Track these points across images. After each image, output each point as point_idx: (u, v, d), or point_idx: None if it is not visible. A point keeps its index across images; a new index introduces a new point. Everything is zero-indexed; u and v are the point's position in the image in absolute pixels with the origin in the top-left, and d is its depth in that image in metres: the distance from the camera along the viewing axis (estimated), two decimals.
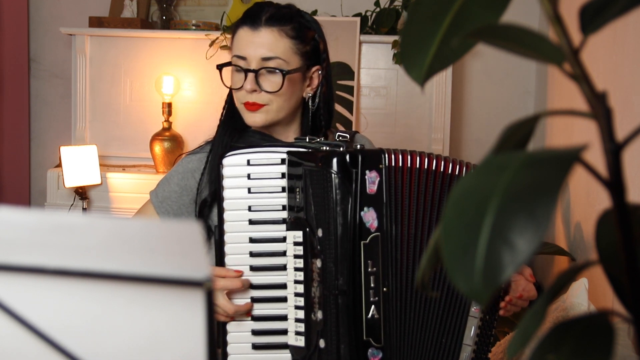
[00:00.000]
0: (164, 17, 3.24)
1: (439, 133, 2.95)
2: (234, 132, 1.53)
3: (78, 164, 2.87)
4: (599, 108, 0.49)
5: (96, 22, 3.13)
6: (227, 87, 1.51)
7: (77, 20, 3.31)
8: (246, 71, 1.45)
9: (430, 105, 2.96)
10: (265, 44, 1.44)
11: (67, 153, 2.85)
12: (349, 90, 2.92)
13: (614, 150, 0.49)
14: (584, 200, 2.04)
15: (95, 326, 0.55)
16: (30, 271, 0.53)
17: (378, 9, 3.03)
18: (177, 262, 0.53)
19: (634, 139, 0.49)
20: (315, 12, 3.07)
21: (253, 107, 1.46)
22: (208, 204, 1.48)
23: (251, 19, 1.46)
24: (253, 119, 1.47)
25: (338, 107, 2.93)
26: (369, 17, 3.03)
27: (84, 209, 2.92)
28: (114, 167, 3.05)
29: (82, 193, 2.91)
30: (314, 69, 1.51)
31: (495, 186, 0.46)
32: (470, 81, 3.28)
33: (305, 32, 1.48)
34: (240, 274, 1.34)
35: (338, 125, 2.91)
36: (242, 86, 1.45)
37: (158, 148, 2.97)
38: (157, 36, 3.10)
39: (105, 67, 3.11)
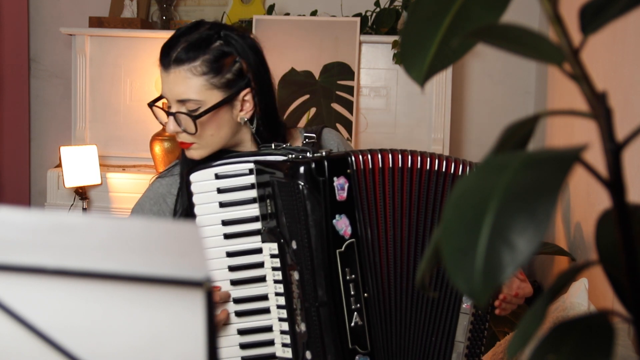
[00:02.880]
0: (164, 17, 3.24)
1: (439, 133, 2.95)
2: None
3: (78, 164, 2.87)
4: (599, 108, 0.49)
5: (96, 22, 3.13)
6: (161, 123, 1.47)
7: (77, 20, 3.31)
8: (167, 113, 1.42)
9: (430, 105, 2.96)
10: (175, 86, 1.38)
11: (67, 153, 2.85)
12: (349, 90, 2.92)
13: (614, 150, 0.49)
14: (584, 200, 2.04)
15: (95, 326, 0.55)
16: (30, 271, 0.53)
17: (378, 9, 3.03)
18: (177, 262, 0.53)
19: (634, 139, 0.49)
20: (315, 12, 3.07)
21: (184, 145, 1.43)
22: None
23: (163, 57, 1.39)
24: (190, 155, 1.44)
25: (338, 107, 2.93)
26: (369, 17, 3.03)
27: (84, 209, 2.92)
28: (114, 167, 3.05)
29: (82, 193, 2.91)
30: (243, 92, 1.42)
31: (495, 186, 0.46)
32: (470, 81, 3.28)
33: (221, 61, 1.39)
34: (218, 289, 1.32)
35: (338, 125, 2.91)
36: (165, 126, 1.42)
37: (158, 148, 2.97)
38: (157, 36, 3.10)
39: (105, 67, 3.11)
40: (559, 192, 0.44)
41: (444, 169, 1.32)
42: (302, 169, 1.24)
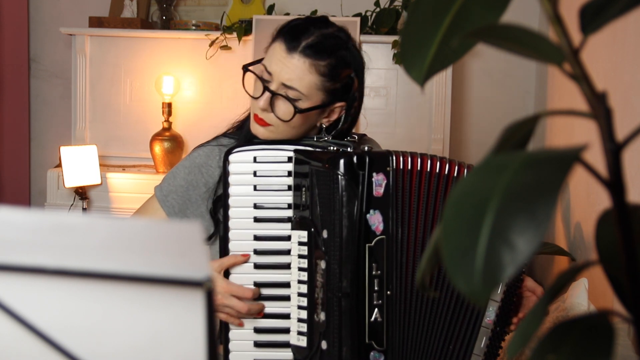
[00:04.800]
0: (164, 17, 3.24)
1: (439, 133, 2.95)
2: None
3: (78, 164, 2.87)
4: (599, 108, 0.49)
5: (96, 22, 3.13)
6: (247, 91, 1.45)
7: (77, 20, 3.31)
8: (266, 88, 1.40)
9: (430, 105, 2.96)
10: (291, 72, 1.37)
11: (67, 153, 2.85)
12: None
13: (614, 150, 0.49)
14: (584, 200, 2.04)
15: (95, 326, 0.55)
16: (30, 271, 0.53)
17: (378, 9, 3.03)
18: (177, 262, 0.53)
19: (634, 139, 0.49)
20: (315, 12, 3.07)
21: (260, 121, 1.42)
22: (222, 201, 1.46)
23: (291, 38, 1.38)
24: (256, 131, 1.43)
25: None
26: (369, 17, 3.03)
27: (84, 209, 2.92)
28: (114, 167, 3.05)
29: (82, 193, 2.91)
30: (337, 104, 1.44)
31: (495, 186, 0.46)
32: (470, 81, 3.28)
33: (340, 71, 1.40)
34: (247, 257, 1.34)
35: None
36: (257, 98, 1.41)
37: (158, 148, 2.97)
38: (157, 36, 3.10)
39: (105, 67, 3.11)
40: (559, 192, 0.44)
41: None
42: (342, 161, 1.26)
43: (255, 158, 1.34)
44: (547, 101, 2.88)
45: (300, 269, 1.31)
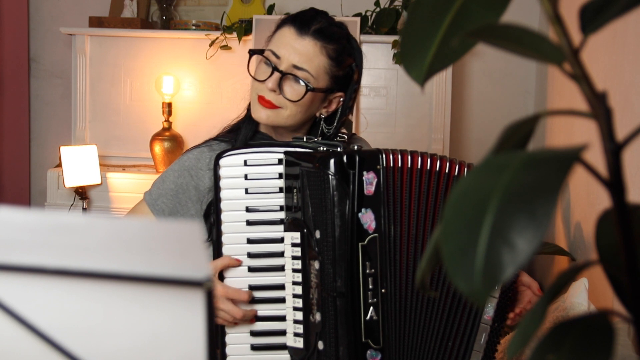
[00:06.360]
0: (164, 17, 3.24)
1: (439, 133, 2.95)
2: (248, 131, 1.53)
3: (78, 164, 2.87)
4: (599, 108, 0.49)
5: (96, 22, 3.13)
6: (251, 75, 1.49)
7: (77, 20, 3.31)
8: (275, 69, 1.44)
9: (430, 105, 2.96)
10: (303, 53, 1.44)
11: (67, 153, 2.85)
12: None
13: (614, 150, 0.49)
14: (584, 200, 2.04)
15: (95, 326, 0.55)
16: (30, 271, 0.53)
17: (378, 9, 3.03)
18: (177, 262, 0.53)
19: (634, 139, 0.49)
20: None
21: (266, 103, 1.45)
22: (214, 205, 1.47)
23: (301, 23, 1.46)
24: (259, 114, 1.46)
25: None
26: (369, 17, 3.03)
27: (84, 209, 2.92)
28: (114, 167, 3.05)
29: (82, 193, 2.91)
30: (337, 94, 1.51)
31: (495, 186, 0.46)
32: (470, 81, 3.28)
33: (345, 58, 1.48)
34: (239, 262, 1.34)
35: None
36: (264, 80, 1.45)
37: (158, 148, 2.97)
38: (157, 36, 3.10)
39: (105, 67, 3.11)
40: (559, 192, 0.44)
41: (464, 174, 1.34)
42: (332, 160, 1.27)
43: (245, 161, 1.35)
44: (547, 101, 2.88)
45: (295, 270, 1.31)
